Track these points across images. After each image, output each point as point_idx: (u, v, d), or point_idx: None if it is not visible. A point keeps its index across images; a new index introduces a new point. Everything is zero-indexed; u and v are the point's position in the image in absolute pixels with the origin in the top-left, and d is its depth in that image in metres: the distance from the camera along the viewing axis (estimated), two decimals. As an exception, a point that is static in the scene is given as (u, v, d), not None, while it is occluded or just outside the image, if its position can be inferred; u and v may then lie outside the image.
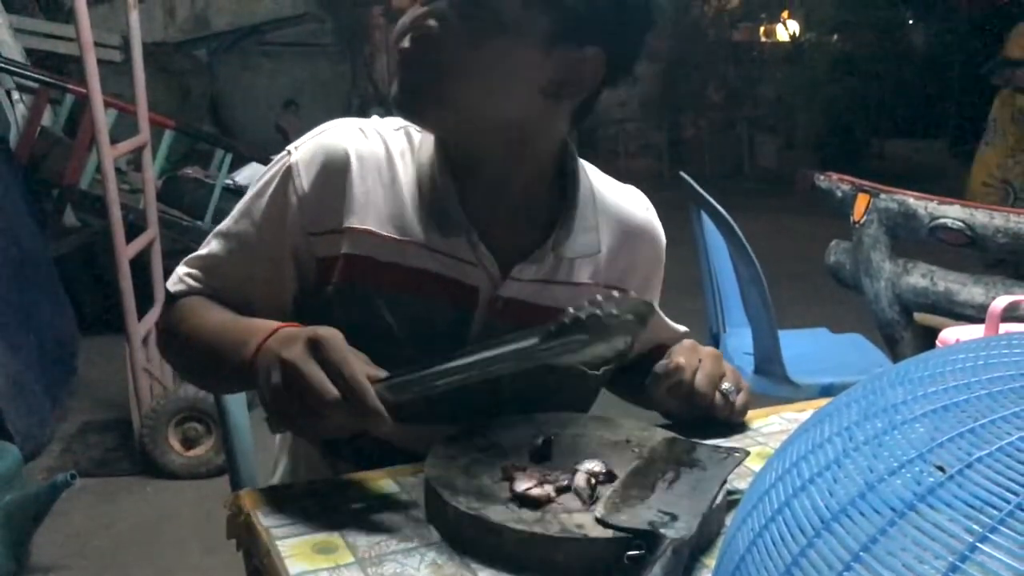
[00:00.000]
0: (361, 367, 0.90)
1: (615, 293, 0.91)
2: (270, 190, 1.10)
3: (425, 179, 1.10)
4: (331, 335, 0.90)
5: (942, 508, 0.46)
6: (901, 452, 0.51)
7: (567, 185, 1.14)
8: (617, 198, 1.21)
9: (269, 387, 0.91)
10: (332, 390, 0.87)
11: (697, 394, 1.10)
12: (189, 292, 1.14)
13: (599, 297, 0.89)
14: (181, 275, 1.15)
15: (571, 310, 0.88)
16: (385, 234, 1.08)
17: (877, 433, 0.53)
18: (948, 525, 0.45)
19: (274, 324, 0.98)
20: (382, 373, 0.91)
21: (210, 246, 1.14)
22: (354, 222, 1.08)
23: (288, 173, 1.09)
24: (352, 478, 0.99)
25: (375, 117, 1.16)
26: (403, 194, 1.10)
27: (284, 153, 1.12)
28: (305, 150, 1.10)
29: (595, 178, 1.20)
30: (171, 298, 1.15)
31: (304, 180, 1.08)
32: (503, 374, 0.94)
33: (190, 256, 1.16)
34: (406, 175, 1.11)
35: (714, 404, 1.11)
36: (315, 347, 0.89)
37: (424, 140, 1.12)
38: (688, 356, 1.13)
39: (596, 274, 1.17)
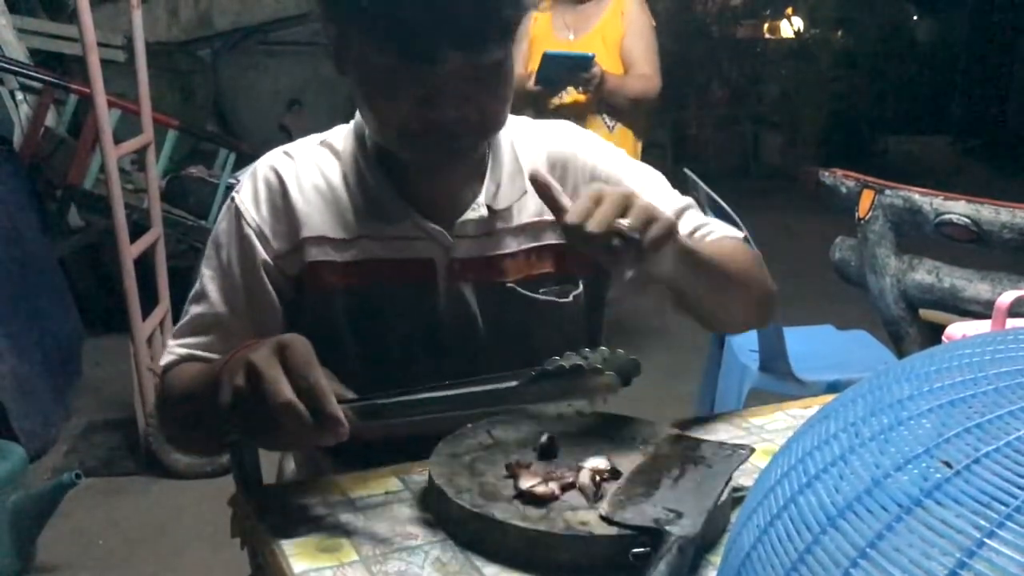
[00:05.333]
0: (327, 380, 0.88)
1: (603, 348, 0.92)
2: (228, 237, 1.16)
3: (356, 180, 1.15)
4: (298, 340, 0.90)
5: (949, 504, 0.46)
6: (908, 448, 0.50)
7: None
8: (539, 135, 1.23)
9: (230, 388, 0.89)
10: (288, 391, 0.85)
11: (588, 237, 0.94)
12: (181, 361, 1.15)
13: (587, 350, 0.92)
14: (171, 348, 1.16)
15: (556, 359, 0.91)
16: (336, 236, 1.14)
17: (883, 429, 0.53)
18: (955, 521, 0.45)
19: (246, 344, 0.97)
20: (349, 394, 0.91)
21: (191, 312, 1.16)
22: (307, 232, 1.14)
23: (238, 213, 1.15)
24: (356, 476, 0.99)
25: (302, 139, 1.22)
26: (341, 198, 1.15)
27: (229, 200, 1.18)
28: (245, 188, 1.17)
29: (513, 126, 1.20)
30: (164, 374, 1.16)
31: (253, 213, 1.15)
32: (476, 411, 0.95)
33: (176, 328, 1.19)
34: (338, 181, 1.16)
35: (612, 248, 0.94)
36: (281, 351, 0.88)
37: (345, 146, 1.18)
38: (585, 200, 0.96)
39: (540, 211, 1.16)
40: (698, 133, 9.41)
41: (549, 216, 1.14)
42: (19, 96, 4.26)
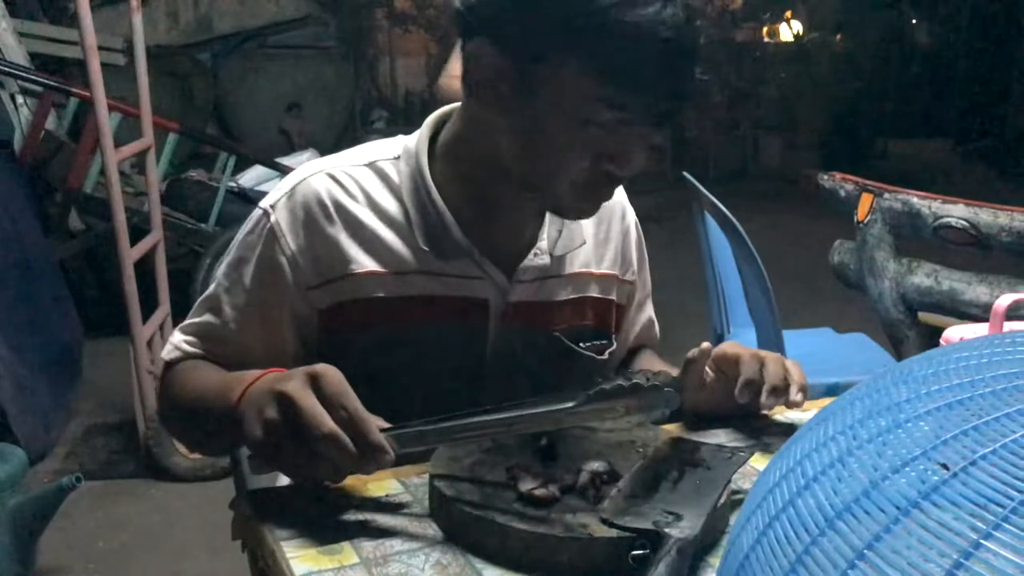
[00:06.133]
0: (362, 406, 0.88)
1: (644, 370, 0.92)
2: (255, 255, 1.09)
3: (417, 212, 1.10)
4: (330, 370, 0.88)
5: (946, 506, 0.46)
6: (905, 450, 0.50)
7: None
8: None
9: (261, 422, 0.87)
10: (330, 422, 0.84)
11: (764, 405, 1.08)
12: (186, 358, 1.12)
13: (629, 371, 0.92)
14: (177, 343, 1.13)
15: (601, 380, 0.89)
16: (387, 271, 1.09)
17: (881, 431, 0.53)
18: (952, 523, 0.45)
19: (263, 371, 0.96)
20: (384, 424, 0.90)
21: (203, 316, 1.12)
22: (354, 268, 1.08)
23: (272, 235, 1.08)
24: (357, 479, 0.99)
25: (342, 157, 1.14)
26: (390, 228, 1.10)
27: (260, 213, 1.10)
28: (283, 208, 1.09)
29: None
30: (168, 367, 1.13)
31: (290, 238, 1.08)
32: (530, 432, 0.93)
33: (184, 324, 1.14)
34: (393, 212, 1.10)
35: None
36: (314, 381, 0.87)
37: (403, 171, 1.11)
38: (752, 365, 1.09)
39: (587, 263, 1.21)
40: (697, 136, 9.42)
41: (596, 268, 1.21)
42: (20, 99, 4.27)
